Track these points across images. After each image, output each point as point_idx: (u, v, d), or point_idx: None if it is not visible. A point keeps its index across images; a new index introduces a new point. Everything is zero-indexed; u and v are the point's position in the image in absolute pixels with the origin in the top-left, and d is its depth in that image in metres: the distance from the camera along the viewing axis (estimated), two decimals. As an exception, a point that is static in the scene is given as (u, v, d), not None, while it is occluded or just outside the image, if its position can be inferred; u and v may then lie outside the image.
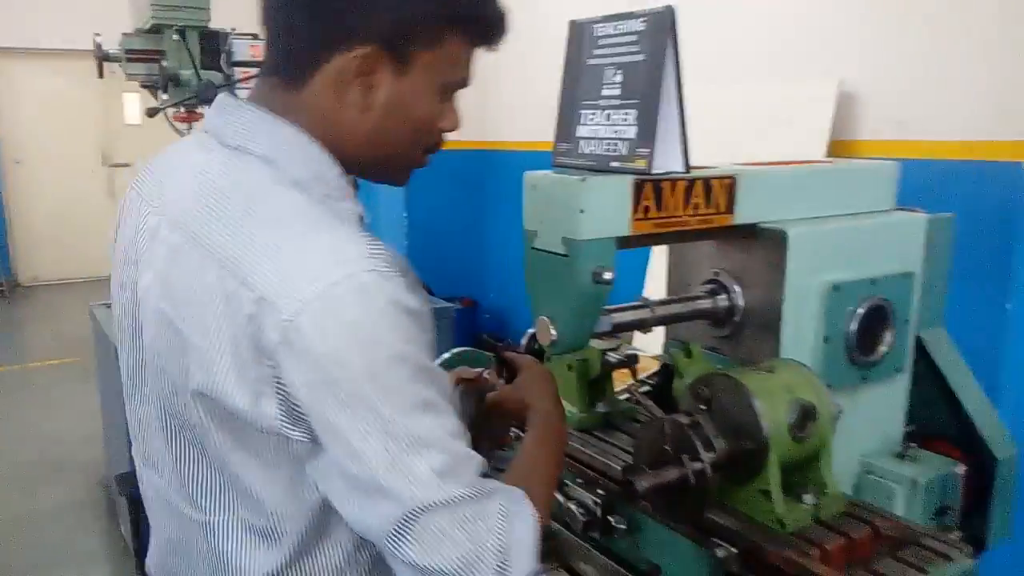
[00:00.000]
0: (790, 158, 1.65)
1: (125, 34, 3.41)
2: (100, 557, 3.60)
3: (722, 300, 1.45)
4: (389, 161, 1.08)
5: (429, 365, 0.94)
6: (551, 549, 1.49)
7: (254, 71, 3.40)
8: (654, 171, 1.23)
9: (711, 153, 1.40)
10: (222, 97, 1.07)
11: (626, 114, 1.26)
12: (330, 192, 1.00)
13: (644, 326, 1.38)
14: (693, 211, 1.31)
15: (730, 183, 1.34)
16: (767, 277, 1.39)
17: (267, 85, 1.04)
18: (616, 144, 1.27)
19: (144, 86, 3.35)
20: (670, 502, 1.14)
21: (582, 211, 1.19)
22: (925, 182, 3.01)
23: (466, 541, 0.88)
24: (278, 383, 0.89)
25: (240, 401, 0.90)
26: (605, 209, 1.22)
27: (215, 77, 3.31)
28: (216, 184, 0.98)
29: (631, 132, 1.24)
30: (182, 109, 3.36)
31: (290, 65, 1.01)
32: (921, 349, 1.60)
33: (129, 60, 3.36)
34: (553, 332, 1.27)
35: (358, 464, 0.87)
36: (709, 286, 1.49)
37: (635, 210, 1.24)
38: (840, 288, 1.41)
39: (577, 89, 1.34)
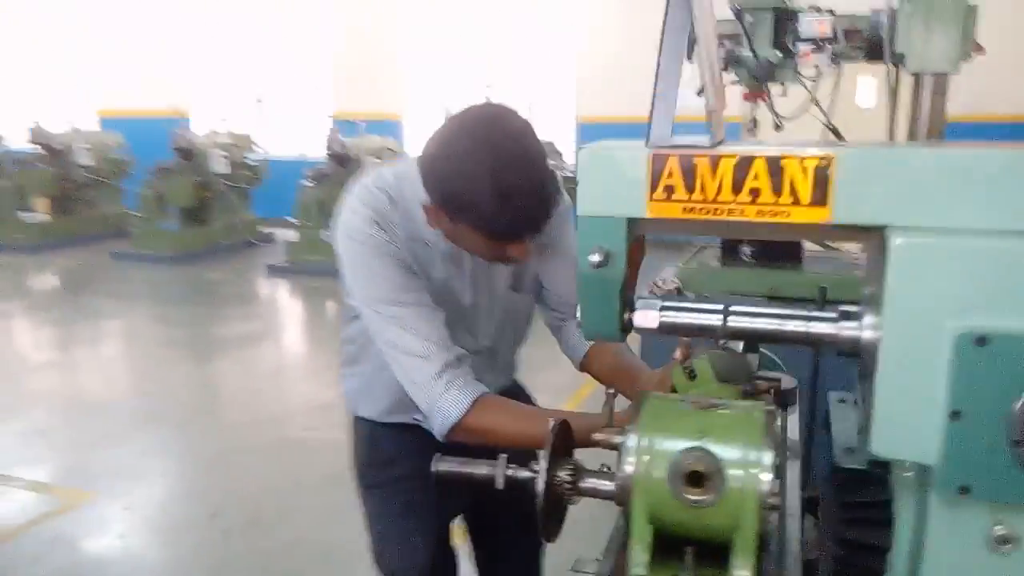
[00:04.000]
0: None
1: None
2: None
3: (824, 326, 1.07)
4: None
5: (384, 278, 1.59)
6: None
7: (810, 50, 3.31)
8: (658, 143, 1.03)
9: None
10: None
11: (662, 74, 1.07)
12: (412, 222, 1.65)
13: (711, 335, 1.13)
14: (751, 198, 1.03)
15: (820, 165, 0.99)
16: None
17: None
18: (654, 110, 1.09)
19: (713, 67, 3.58)
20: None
21: (580, 184, 1.10)
22: None
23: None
24: None
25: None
26: (609, 184, 1.09)
27: (772, 55, 3.33)
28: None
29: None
30: (746, 88, 3.50)
31: None
32: None
33: (719, 45, 3.63)
34: (578, 315, 1.19)
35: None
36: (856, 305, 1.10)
37: (652, 188, 1.06)
38: (989, 341, 0.90)
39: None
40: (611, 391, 1.09)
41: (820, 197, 1.00)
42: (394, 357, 1.60)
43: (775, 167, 1.01)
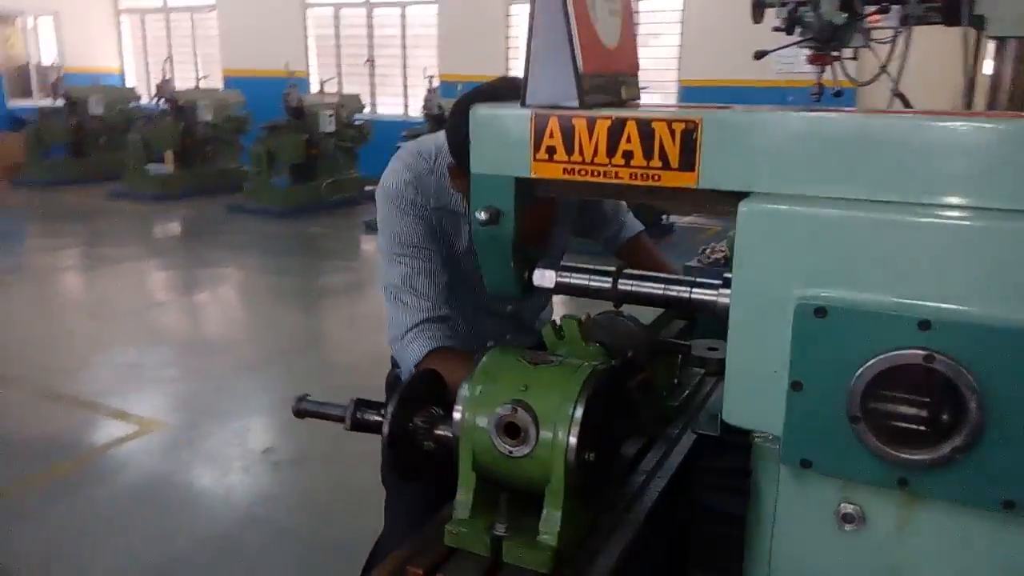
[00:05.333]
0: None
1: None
2: None
3: (706, 292, 1.06)
4: None
5: (403, 234, 1.76)
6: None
7: (875, 11, 3.13)
8: (531, 103, 1.05)
9: None
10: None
11: (548, 36, 1.07)
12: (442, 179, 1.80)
13: (603, 298, 1.15)
14: (625, 161, 1.03)
15: (687, 129, 0.99)
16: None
17: None
18: (542, 71, 1.10)
19: (776, 29, 3.43)
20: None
21: (472, 144, 1.12)
22: None
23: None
24: None
25: None
26: (497, 144, 1.11)
27: (836, 17, 3.17)
28: None
29: (539, 57, 1.07)
30: (808, 51, 3.35)
31: None
32: None
33: (782, 5, 3.48)
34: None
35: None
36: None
37: (536, 149, 1.08)
38: (828, 313, 0.87)
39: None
40: (490, 345, 1.13)
41: (688, 162, 0.99)
42: (389, 304, 1.77)
43: (646, 130, 1.01)
